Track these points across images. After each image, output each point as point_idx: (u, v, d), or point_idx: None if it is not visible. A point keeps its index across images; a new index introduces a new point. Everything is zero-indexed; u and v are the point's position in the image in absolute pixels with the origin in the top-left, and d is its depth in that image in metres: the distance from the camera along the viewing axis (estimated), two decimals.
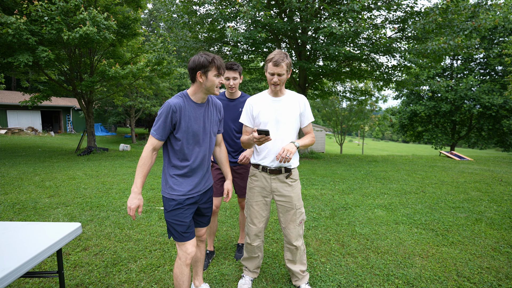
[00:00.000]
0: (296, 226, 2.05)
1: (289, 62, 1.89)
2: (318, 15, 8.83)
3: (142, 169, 1.64)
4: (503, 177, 6.40)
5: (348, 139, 56.22)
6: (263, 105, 2.01)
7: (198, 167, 1.75)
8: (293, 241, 2.05)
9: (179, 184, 1.70)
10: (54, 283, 2.20)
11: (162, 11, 24.61)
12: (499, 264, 2.54)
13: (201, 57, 1.60)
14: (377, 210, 4.02)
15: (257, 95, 2.08)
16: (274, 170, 2.01)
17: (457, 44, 7.00)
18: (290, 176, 2.03)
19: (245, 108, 2.08)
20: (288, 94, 2.04)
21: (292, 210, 2.03)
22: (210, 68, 1.60)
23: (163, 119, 1.61)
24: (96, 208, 3.93)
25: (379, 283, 2.26)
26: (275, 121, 1.97)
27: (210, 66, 1.60)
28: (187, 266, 1.72)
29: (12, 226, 1.77)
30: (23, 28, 7.22)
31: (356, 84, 15.10)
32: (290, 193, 2.03)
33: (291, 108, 1.99)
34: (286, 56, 1.87)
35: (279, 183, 2.03)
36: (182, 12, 8.83)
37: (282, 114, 1.98)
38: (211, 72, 1.61)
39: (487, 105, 15.46)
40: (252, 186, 2.12)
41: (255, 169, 2.10)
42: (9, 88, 27.09)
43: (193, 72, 1.62)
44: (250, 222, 2.13)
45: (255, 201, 2.10)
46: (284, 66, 1.86)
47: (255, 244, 2.14)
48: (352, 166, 8.18)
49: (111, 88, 13.45)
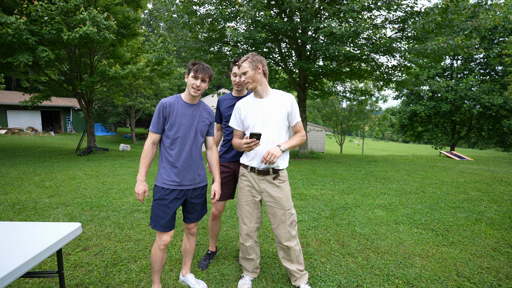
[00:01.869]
0: (287, 227, 2.05)
1: (253, 60, 1.93)
2: (318, 15, 8.83)
3: (145, 160, 1.92)
4: (503, 177, 6.40)
5: (348, 139, 56.22)
6: (249, 107, 2.03)
7: (185, 161, 1.95)
8: (284, 242, 2.06)
9: (168, 174, 1.94)
10: (54, 283, 2.20)
11: (162, 11, 24.61)
12: (499, 264, 2.54)
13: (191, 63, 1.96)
14: (377, 210, 4.02)
15: (245, 98, 2.11)
16: (262, 171, 2.02)
17: (457, 44, 6.99)
18: (278, 177, 2.02)
19: (233, 112, 2.12)
20: (273, 94, 2.03)
21: (281, 211, 2.03)
22: (190, 71, 1.91)
23: (157, 114, 1.92)
24: (96, 208, 3.93)
25: (379, 283, 2.26)
26: (261, 123, 1.98)
27: (191, 69, 1.91)
28: (161, 251, 1.98)
29: (12, 226, 1.77)
30: (23, 28, 7.21)
31: (356, 84, 15.10)
32: (279, 194, 2.03)
33: (276, 108, 1.98)
34: (250, 56, 1.95)
35: (267, 184, 2.04)
36: (182, 12, 8.83)
37: (267, 116, 1.98)
38: (190, 73, 1.90)
39: (487, 105, 15.46)
40: (241, 186, 2.14)
41: (244, 169, 2.12)
42: (9, 88, 27.09)
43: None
44: (241, 221, 2.14)
45: (245, 200, 2.12)
46: (244, 65, 1.94)
47: (247, 244, 2.14)
48: (352, 166, 8.18)
49: (111, 88, 13.45)
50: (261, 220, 2.19)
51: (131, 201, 4.28)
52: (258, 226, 2.18)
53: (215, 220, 2.52)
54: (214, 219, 2.51)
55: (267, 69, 2.03)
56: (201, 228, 3.31)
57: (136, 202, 4.23)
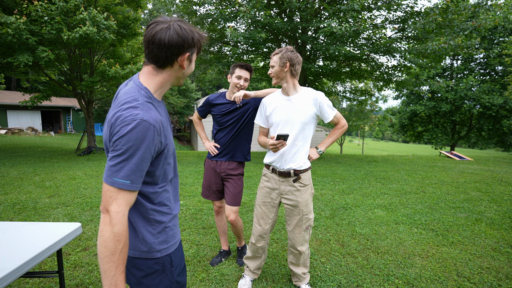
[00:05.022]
0: (302, 231, 2.01)
1: (283, 56, 1.85)
2: (318, 15, 8.83)
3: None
4: (503, 177, 6.40)
5: (348, 139, 56.23)
6: (275, 105, 1.96)
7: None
8: (297, 246, 2.03)
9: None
10: (54, 283, 2.20)
11: (162, 11, 24.62)
12: (499, 264, 2.54)
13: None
14: (377, 210, 4.02)
15: (272, 94, 2.04)
16: (283, 172, 1.96)
17: (457, 44, 6.99)
18: (299, 180, 1.96)
19: (259, 108, 2.07)
20: (301, 92, 1.93)
21: (298, 216, 1.99)
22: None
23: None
24: (96, 208, 3.93)
25: (379, 283, 2.26)
26: (285, 122, 1.91)
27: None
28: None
29: (12, 226, 1.77)
30: (23, 28, 7.21)
31: (356, 84, 15.09)
32: (298, 197, 1.97)
33: (303, 108, 1.89)
34: (283, 51, 1.86)
35: (288, 186, 1.98)
36: (182, 12, 8.84)
37: (292, 115, 1.90)
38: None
39: (487, 105, 15.46)
40: (262, 186, 2.09)
41: (266, 170, 2.08)
42: (9, 88, 27.07)
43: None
44: (256, 222, 2.10)
45: (262, 201, 2.07)
46: (274, 58, 1.87)
47: (259, 245, 2.11)
48: (352, 166, 8.18)
49: (111, 88, 13.42)
50: (275, 223, 2.14)
51: None
52: (272, 229, 2.15)
53: (219, 215, 2.51)
54: (218, 214, 2.51)
55: (300, 68, 1.90)
56: (201, 228, 3.30)
57: None
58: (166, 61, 0.95)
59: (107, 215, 0.87)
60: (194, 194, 4.68)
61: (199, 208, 4.01)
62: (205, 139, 2.47)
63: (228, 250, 2.65)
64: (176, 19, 0.95)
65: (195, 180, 5.76)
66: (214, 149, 2.34)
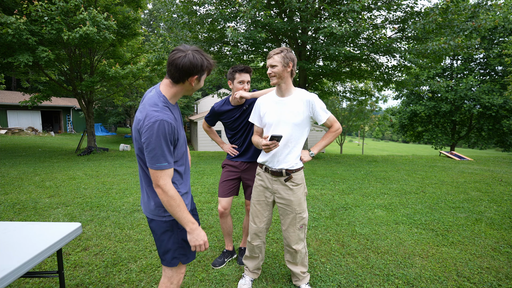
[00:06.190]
0: (296, 230, 2.03)
1: (286, 56, 1.84)
2: (318, 15, 8.83)
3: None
4: (503, 177, 6.40)
5: (348, 139, 56.24)
6: (269, 105, 1.98)
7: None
8: (292, 245, 2.05)
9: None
10: (54, 283, 2.20)
11: (162, 11, 24.59)
12: (499, 264, 2.54)
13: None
14: (377, 210, 4.02)
15: (267, 94, 2.06)
16: (275, 171, 1.99)
17: (457, 44, 6.99)
18: (291, 179, 1.98)
19: (254, 108, 2.09)
20: (295, 93, 1.93)
21: (291, 214, 2.01)
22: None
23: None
24: (96, 208, 3.93)
25: (379, 283, 2.26)
26: (278, 123, 1.93)
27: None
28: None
29: (12, 226, 1.77)
30: (23, 28, 7.21)
31: (356, 84, 15.09)
32: (290, 196, 1.99)
33: (295, 109, 1.89)
34: (284, 51, 1.85)
35: (280, 185, 2.01)
36: (182, 12, 8.83)
37: (285, 116, 1.91)
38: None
39: (487, 105, 15.46)
40: (256, 185, 2.13)
41: (259, 169, 2.11)
42: (9, 88, 27.08)
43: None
44: (252, 220, 2.14)
45: (257, 200, 2.11)
46: (276, 58, 1.84)
47: (255, 244, 2.14)
48: (352, 166, 8.18)
49: (111, 88, 13.44)
50: (270, 222, 2.17)
51: (131, 201, 4.28)
52: (268, 228, 2.16)
53: (223, 217, 2.52)
54: (222, 217, 2.52)
55: (296, 69, 1.94)
56: (203, 228, 3.30)
57: (136, 202, 4.22)
58: (179, 79, 1.32)
59: (159, 188, 1.29)
60: (194, 194, 4.68)
61: (199, 208, 4.01)
62: (222, 143, 2.63)
63: (232, 250, 2.65)
64: (193, 49, 1.30)
65: (195, 180, 5.76)
66: (233, 150, 2.45)
